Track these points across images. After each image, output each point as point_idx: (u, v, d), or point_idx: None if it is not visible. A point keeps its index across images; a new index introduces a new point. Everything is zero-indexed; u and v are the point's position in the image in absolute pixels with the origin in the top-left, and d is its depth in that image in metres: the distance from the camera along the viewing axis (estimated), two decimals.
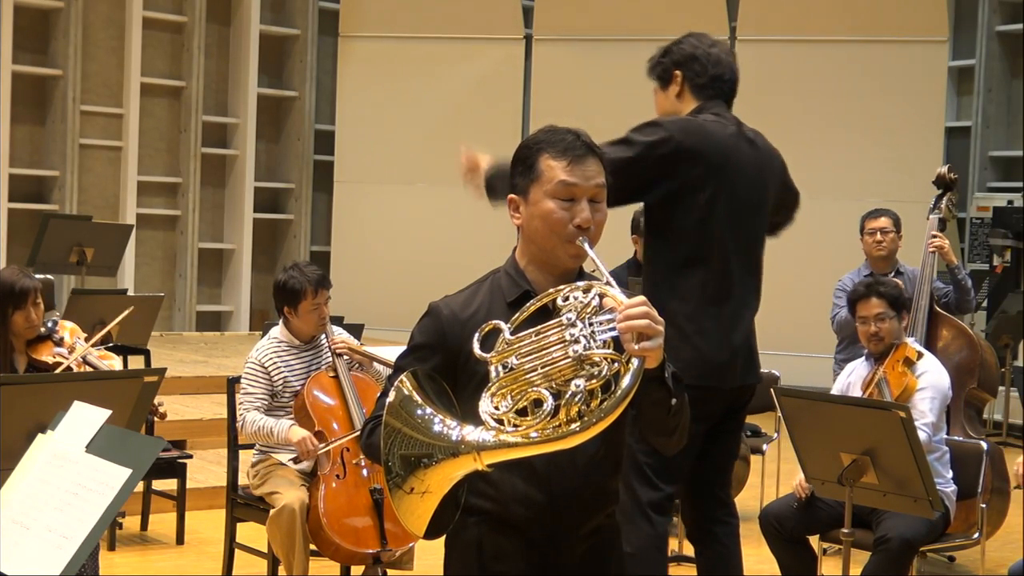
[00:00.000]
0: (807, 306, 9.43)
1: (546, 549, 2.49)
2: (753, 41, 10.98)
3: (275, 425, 4.78)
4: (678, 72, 4.00)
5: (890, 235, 6.32)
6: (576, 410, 2.19)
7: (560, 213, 2.45)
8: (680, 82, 4.00)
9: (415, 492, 2.22)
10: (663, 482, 3.87)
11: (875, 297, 5.02)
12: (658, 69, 4.07)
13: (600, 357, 2.22)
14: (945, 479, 4.87)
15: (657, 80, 4.08)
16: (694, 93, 4.00)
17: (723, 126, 3.93)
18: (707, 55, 4.00)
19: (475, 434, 2.21)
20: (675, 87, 4.02)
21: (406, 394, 2.26)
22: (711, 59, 4.00)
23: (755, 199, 3.98)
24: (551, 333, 2.28)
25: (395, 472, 2.21)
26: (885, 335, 5.01)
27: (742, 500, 6.53)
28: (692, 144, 3.83)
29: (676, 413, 2.41)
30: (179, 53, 11.19)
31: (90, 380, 4.06)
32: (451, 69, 11.53)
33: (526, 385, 2.25)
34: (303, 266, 5.05)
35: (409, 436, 2.22)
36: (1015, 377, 9.48)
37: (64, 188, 10.42)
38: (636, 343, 2.21)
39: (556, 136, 2.50)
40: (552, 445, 2.18)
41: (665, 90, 4.05)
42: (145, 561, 5.79)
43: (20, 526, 2.22)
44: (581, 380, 2.20)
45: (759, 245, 4.06)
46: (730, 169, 3.88)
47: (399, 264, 11.42)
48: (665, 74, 4.04)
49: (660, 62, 4.07)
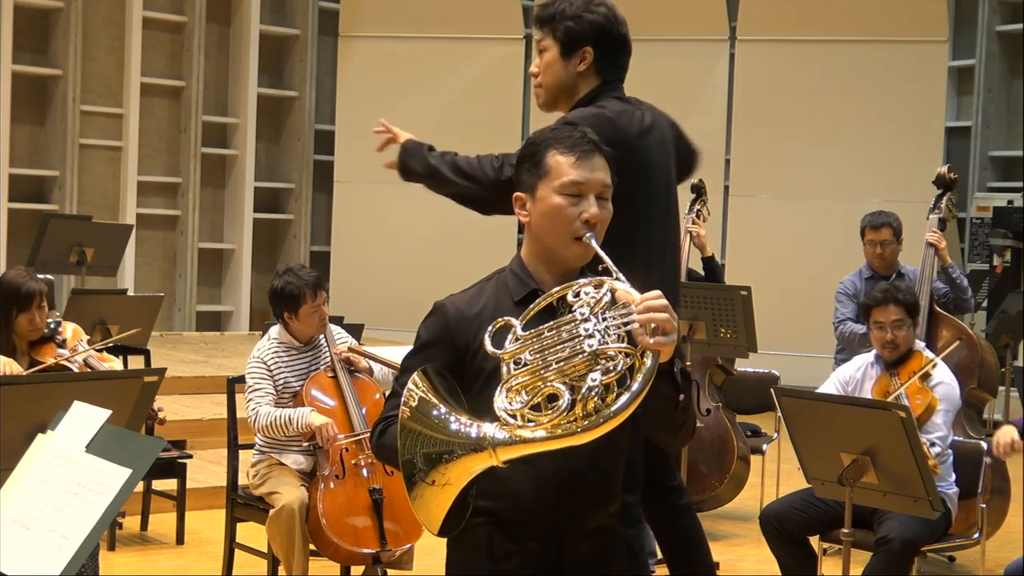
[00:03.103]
0: (807, 306, 9.44)
1: (551, 548, 2.49)
2: (753, 41, 10.98)
3: (293, 413, 4.74)
4: (589, 49, 3.70)
5: (890, 247, 6.34)
6: (592, 404, 2.19)
7: (568, 209, 2.46)
8: (589, 60, 3.71)
9: (436, 484, 2.23)
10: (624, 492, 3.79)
11: (893, 304, 4.96)
12: (561, 32, 3.71)
13: (615, 351, 2.22)
14: (949, 482, 4.88)
15: (557, 43, 3.72)
16: (597, 74, 3.73)
17: (630, 115, 3.74)
18: (620, 36, 3.73)
19: (492, 431, 2.22)
20: (579, 62, 3.71)
21: (421, 396, 2.27)
22: (621, 41, 3.74)
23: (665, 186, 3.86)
24: (564, 329, 2.28)
25: (418, 468, 2.23)
26: (901, 343, 4.97)
27: (742, 500, 6.56)
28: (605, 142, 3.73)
29: (683, 409, 2.42)
30: (179, 53, 11.18)
31: (90, 380, 4.06)
32: (451, 69, 11.52)
33: (540, 381, 2.26)
34: (297, 269, 5.03)
35: (429, 436, 2.24)
36: (1015, 377, 9.47)
37: (64, 188, 10.42)
38: (651, 337, 2.22)
39: (563, 133, 2.52)
40: (569, 440, 2.19)
41: (566, 60, 3.72)
42: (145, 561, 5.79)
43: (20, 526, 2.22)
44: (597, 374, 2.21)
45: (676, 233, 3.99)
46: (642, 161, 3.73)
47: (399, 264, 11.42)
48: (572, 44, 3.70)
49: (567, 27, 3.70)
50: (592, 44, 3.70)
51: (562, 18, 3.71)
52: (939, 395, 4.85)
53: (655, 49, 10.03)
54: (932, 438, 4.72)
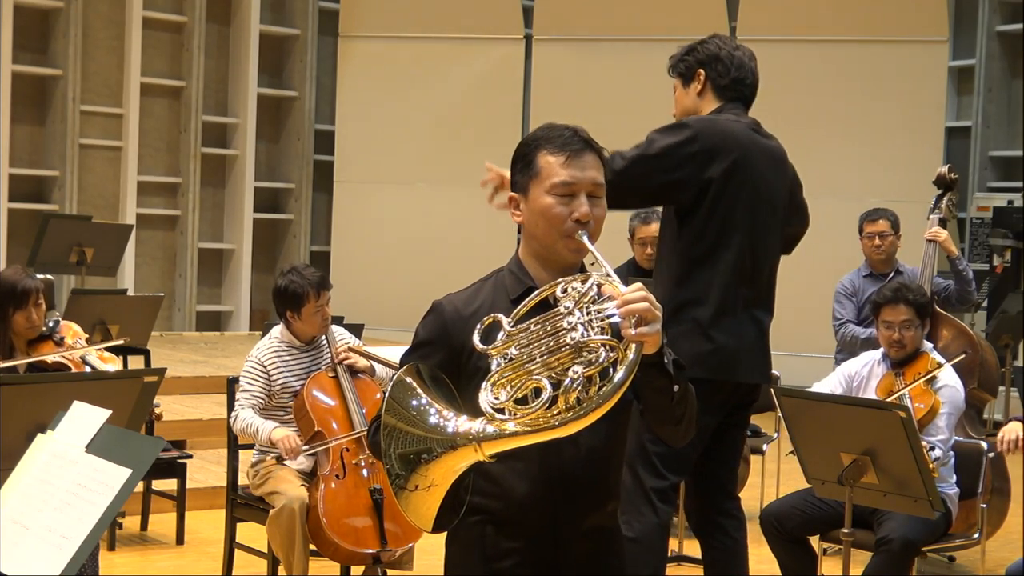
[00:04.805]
0: (807, 306, 9.42)
1: (547, 546, 2.49)
2: (753, 41, 10.89)
3: (261, 425, 4.80)
4: (702, 71, 4.09)
5: (888, 239, 6.32)
6: (575, 397, 2.19)
7: (559, 208, 2.47)
8: (703, 81, 4.09)
9: (420, 489, 2.22)
10: (670, 472, 3.94)
11: (903, 304, 4.95)
12: (681, 66, 4.15)
13: (598, 343, 2.23)
14: (949, 483, 4.87)
15: (679, 77, 4.17)
16: (715, 93, 4.09)
17: (744, 126, 4.02)
18: (731, 57, 4.09)
19: (474, 424, 2.22)
20: (697, 85, 4.10)
21: (403, 383, 2.26)
22: (735, 62, 4.09)
23: (773, 197, 4.07)
24: (549, 322, 2.29)
25: (396, 473, 2.22)
26: (908, 343, 4.96)
27: (742, 500, 6.53)
28: (715, 142, 3.92)
29: (680, 401, 2.42)
30: (179, 53, 11.18)
31: (90, 380, 4.06)
32: (451, 69, 11.52)
33: (525, 374, 2.26)
34: (301, 269, 5.03)
35: (405, 432, 2.23)
36: (1015, 377, 9.48)
37: (64, 188, 10.42)
38: (634, 328, 2.22)
39: (554, 132, 2.52)
40: (552, 433, 2.19)
41: (687, 87, 4.14)
42: (145, 561, 5.79)
43: (20, 526, 2.22)
44: (579, 367, 2.21)
45: (776, 244, 4.14)
46: (750, 168, 3.96)
47: (399, 264, 11.42)
48: (688, 71, 4.12)
49: (684, 59, 4.15)
50: (704, 67, 4.09)
51: (678, 58, 4.18)
52: (943, 398, 4.83)
53: (655, 49, 9.99)
54: (933, 441, 4.71)
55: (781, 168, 4.13)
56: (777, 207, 4.09)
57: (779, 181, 4.10)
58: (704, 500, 4.16)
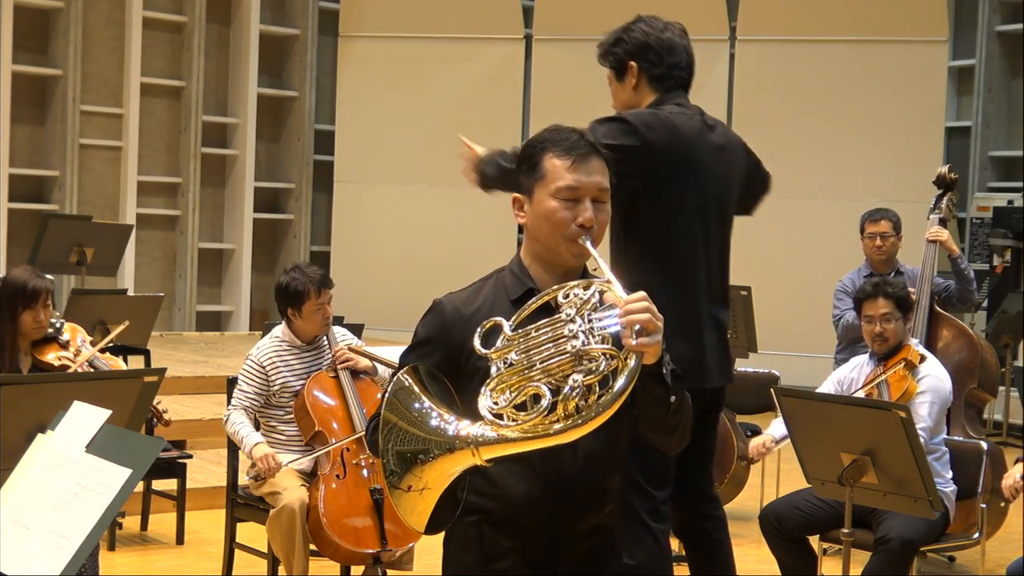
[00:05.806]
0: (807, 306, 9.43)
1: (545, 547, 2.49)
2: (753, 41, 10.98)
3: (247, 436, 4.80)
4: (633, 63, 3.85)
5: (890, 240, 6.32)
6: (574, 405, 2.19)
7: (563, 212, 2.46)
8: (636, 74, 3.85)
9: (413, 490, 2.22)
10: (655, 488, 3.78)
11: (882, 297, 5.00)
12: (611, 59, 3.90)
13: (598, 352, 2.23)
14: (945, 479, 4.87)
15: (611, 70, 3.92)
16: (651, 84, 3.86)
17: (688, 118, 3.81)
18: (660, 42, 3.85)
19: (473, 429, 2.22)
20: (631, 79, 3.86)
21: (404, 387, 2.26)
22: (665, 46, 3.84)
23: (722, 194, 3.89)
24: (550, 328, 2.29)
25: (391, 469, 2.22)
26: (890, 336, 5.00)
27: (742, 500, 6.55)
28: (658, 140, 3.71)
29: (676, 411, 2.41)
30: (179, 53, 11.18)
31: (90, 380, 4.06)
32: (451, 69, 11.52)
33: (525, 380, 2.26)
34: (304, 267, 5.04)
35: (405, 431, 2.23)
36: (1015, 377, 9.48)
37: (64, 188, 10.42)
38: (635, 338, 2.22)
39: (560, 135, 2.51)
40: (550, 440, 2.19)
41: (621, 82, 3.90)
42: (145, 561, 5.79)
43: (20, 526, 2.22)
44: (579, 375, 2.21)
45: (727, 242, 3.97)
46: (697, 164, 3.78)
47: (399, 264, 11.42)
48: (619, 65, 3.88)
49: (611, 52, 3.90)
50: (635, 59, 3.85)
51: (605, 49, 3.92)
52: (923, 386, 4.85)
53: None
54: None
55: (731, 157, 3.91)
56: (725, 201, 3.90)
57: (729, 172, 3.90)
58: (684, 508, 4.03)
